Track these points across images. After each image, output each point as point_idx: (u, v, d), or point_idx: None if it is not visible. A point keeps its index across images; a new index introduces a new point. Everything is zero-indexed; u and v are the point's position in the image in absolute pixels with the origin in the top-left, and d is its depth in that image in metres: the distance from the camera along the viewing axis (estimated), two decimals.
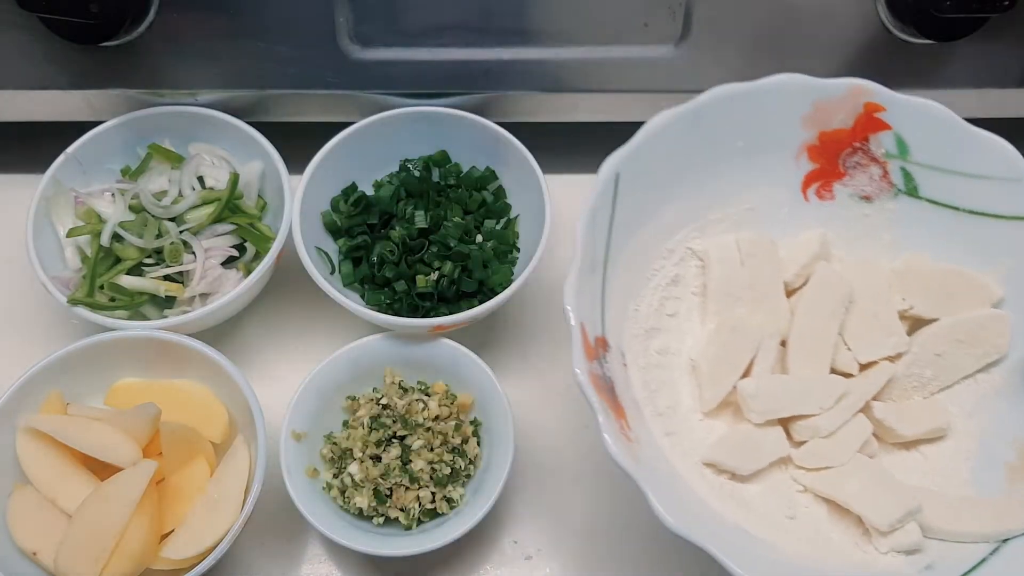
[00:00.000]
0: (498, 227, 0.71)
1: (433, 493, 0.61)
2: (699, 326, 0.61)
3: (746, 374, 0.59)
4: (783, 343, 0.60)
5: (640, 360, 0.58)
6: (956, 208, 0.60)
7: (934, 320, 0.60)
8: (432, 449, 0.62)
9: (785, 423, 0.58)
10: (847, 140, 0.61)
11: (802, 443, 0.58)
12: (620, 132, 0.75)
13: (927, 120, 0.59)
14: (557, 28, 0.68)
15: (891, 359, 0.59)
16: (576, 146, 0.79)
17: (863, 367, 0.59)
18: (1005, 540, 0.52)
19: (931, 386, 0.59)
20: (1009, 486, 0.55)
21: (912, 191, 0.61)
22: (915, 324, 0.61)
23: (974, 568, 0.51)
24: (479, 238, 0.69)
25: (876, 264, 0.62)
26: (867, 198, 0.62)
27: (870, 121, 0.60)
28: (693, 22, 0.67)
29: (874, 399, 0.59)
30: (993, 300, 0.59)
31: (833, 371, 0.59)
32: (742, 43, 0.69)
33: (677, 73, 0.70)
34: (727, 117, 0.59)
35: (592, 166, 0.74)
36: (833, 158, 0.62)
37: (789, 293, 0.61)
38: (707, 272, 0.61)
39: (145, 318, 0.67)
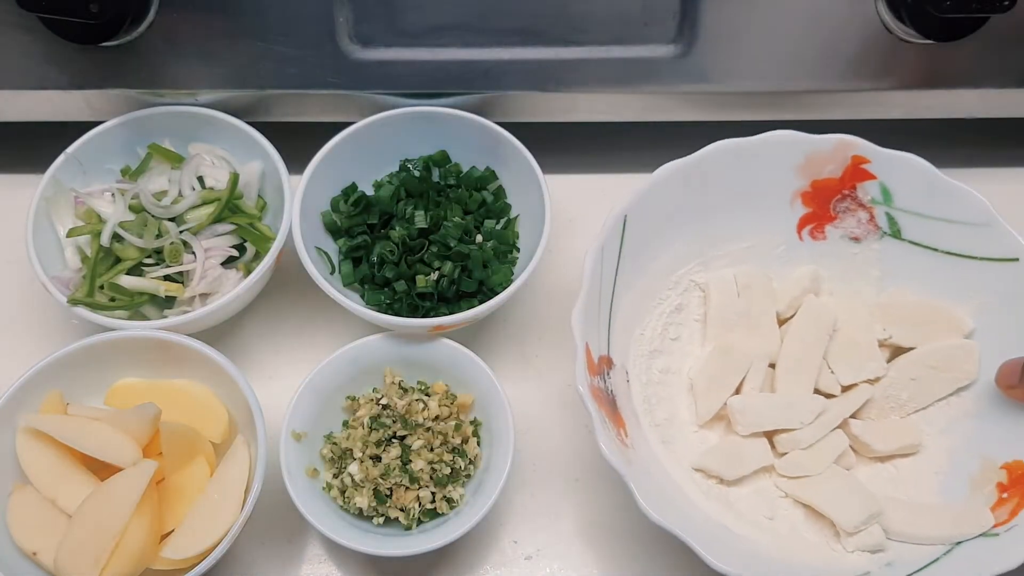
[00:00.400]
0: (498, 227, 0.71)
1: (433, 493, 0.61)
2: (699, 349, 0.68)
3: (737, 392, 0.65)
4: (772, 365, 0.66)
5: (643, 377, 0.65)
6: (935, 249, 0.66)
7: (911, 348, 0.66)
8: (432, 449, 0.62)
9: (770, 436, 0.64)
10: (837, 188, 0.67)
11: (784, 454, 0.64)
12: (620, 132, 0.76)
13: (908, 171, 0.65)
14: (557, 28, 0.68)
15: (870, 382, 0.65)
16: (576, 146, 0.79)
17: (845, 389, 0.66)
18: (959, 542, 0.57)
19: (907, 407, 0.65)
20: (971, 496, 0.60)
21: (896, 233, 0.67)
22: (895, 352, 0.67)
23: (928, 565, 0.57)
24: (479, 238, 0.69)
25: (860, 297, 0.68)
26: (856, 239, 0.68)
27: (857, 172, 0.66)
28: (693, 22, 0.68)
29: (854, 417, 0.65)
30: (965, 331, 0.65)
31: (817, 392, 0.65)
32: (742, 43, 0.69)
33: (676, 73, 0.70)
34: (727, 168, 0.65)
35: (592, 166, 0.75)
36: (825, 204, 0.68)
37: (782, 322, 0.68)
38: (707, 302, 0.68)
39: (145, 318, 0.67)
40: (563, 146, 0.77)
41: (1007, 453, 0.60)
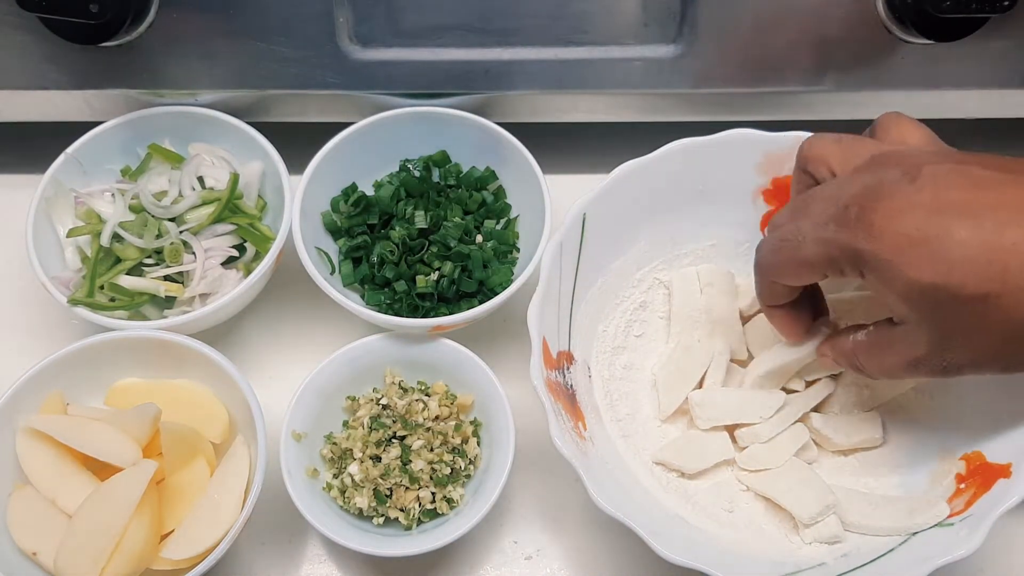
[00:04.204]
0: (498, 227, 0.71)
1: (433, 493, 0.61)
2: (663, 346, 0.69)
3: (700, 386, 0.66)
4: (735, 360, 0.67)
5: (605, 373, 0.66)
6: None
7: None
8: (432, 449, 0.62)
9: (731, 429, 0.65)
10: None
11: (745, 448, 0.64)
12: (620, 132, 0.76)
13: None
14: (557, 28, 0.68)
15: (833, 377, 0.65)
16: (576, 146, 0.79)
17: (808, 384, 0.66)
18: (914, 533, 0.58)
19: (870, 402, 0.65)
20: (931, 488, 0.60)
21: None
22: None
23: (883, 555, 0.57)
24: (479, 238, 0.69)
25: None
26: None
27: None
28: (693, 22, 0.67)
29: (817, 411, 0.65)
30: None
31: (780, 387, 0.66)
32: (742, 43, 0.69)
33: (677, 73, 0.70)
34: (686, 167, 0.66)
35: (592, 166, 0.75)
36: (787, 200, 0.67)
37: (746, 318, 0.68)
38: (671, 299, 0.69)
39: (145, 318, 0.67)
40: (563, 146, 0.77)
41: (966, 444, 0.60)
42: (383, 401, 0.64)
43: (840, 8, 0.67)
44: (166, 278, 0.67)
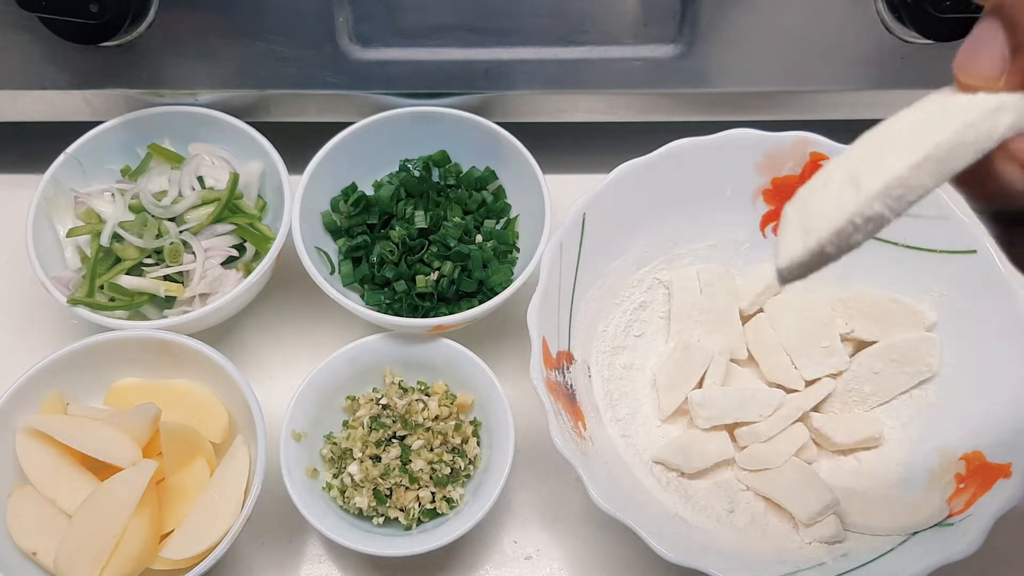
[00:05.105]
0: (498, 227, 0.71)
1: (433, 493, 0.61)
2: (663, 345, 0.69)
3: (699, 386, 0.66)
4: (735, 360, 0.67)
5: (605, 373, 0.66)
6: (895, 243, 0.66)
7: (873, 342, 0.66)
8: (432, 449, 0.62)
9: (730, 429, 0.65)
10: (797, 185, 0.68)
11: (745, 447, 0.65)
12: (620, 132, 0.76)
13: None
14: (557, 28, 0.68)
15: (833, 376, 0.66)
16: (576, 146, 0.79)
17: (808, 383, 0.66)
18: (914, 533, 0.58)
19: (870, 400, 0.66)
20: (930, 487, 0.61)
21: None
22: (858, 346, 0.68)
23: (883, 555, 0.57)
24: (479, 238, 0.69)
25: (822, 292, 0.69)
26: None
27: (816, 168, 0.65)
28: (693, 22, 0.67)
29: (817, 411, 0.65)
30: (926, 324, 0.65)
31: (780, 386, 0.66)
32: (742, 44, 0.69)
33: (677, 73, 0.70)
34: (686, 167, 0.66)
35: (592, 166, 0.75)
36: (786, 201, 0.66)
37: (746, 319, 0.69)
38: (671, 299, 0.69)
39: (145, 318, 0.67)
40: (563, 146, 0.77)
41: (966, 444, 0.60)
42: (383, 401, 0.64)
43: (840, 8, 0.67)
44: (166, 278, 0.67)
